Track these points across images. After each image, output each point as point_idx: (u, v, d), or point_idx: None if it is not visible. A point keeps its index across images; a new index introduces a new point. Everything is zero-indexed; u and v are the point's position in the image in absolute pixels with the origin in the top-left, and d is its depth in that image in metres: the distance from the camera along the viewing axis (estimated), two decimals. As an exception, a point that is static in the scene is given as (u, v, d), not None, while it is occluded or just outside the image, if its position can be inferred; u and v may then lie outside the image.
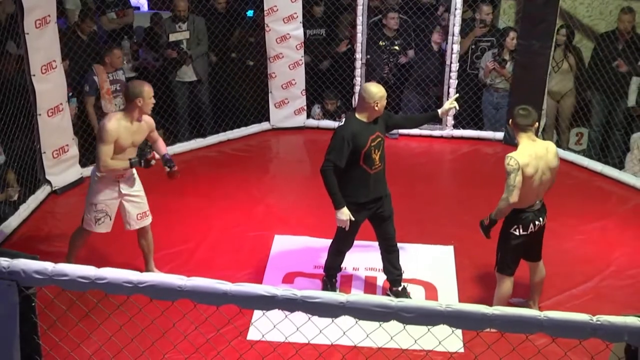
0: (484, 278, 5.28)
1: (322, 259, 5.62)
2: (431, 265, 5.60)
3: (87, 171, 6.90)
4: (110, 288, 2.59)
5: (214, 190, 6.84)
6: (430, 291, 5.32)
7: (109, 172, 4.90)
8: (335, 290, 5.26)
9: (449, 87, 7.85)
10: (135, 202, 5.08)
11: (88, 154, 7.06)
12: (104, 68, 6.91)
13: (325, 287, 5.25)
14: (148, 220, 5.18)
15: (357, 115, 4.75)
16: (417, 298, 5.15)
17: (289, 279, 5.45)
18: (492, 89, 7.85)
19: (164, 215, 5.84)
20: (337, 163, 4.66)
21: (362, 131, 4.68)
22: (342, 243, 5.07)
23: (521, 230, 4.59)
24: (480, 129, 8.03)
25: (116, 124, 4.80)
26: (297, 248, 5.83)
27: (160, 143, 5.25)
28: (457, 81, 7.79)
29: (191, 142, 7.79)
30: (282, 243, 5.92)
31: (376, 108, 4.68)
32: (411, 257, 5.65)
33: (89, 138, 7.03)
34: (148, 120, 5.01)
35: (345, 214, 4.73)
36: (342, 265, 5.27)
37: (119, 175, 4.96)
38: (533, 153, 4.47)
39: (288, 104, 8.20)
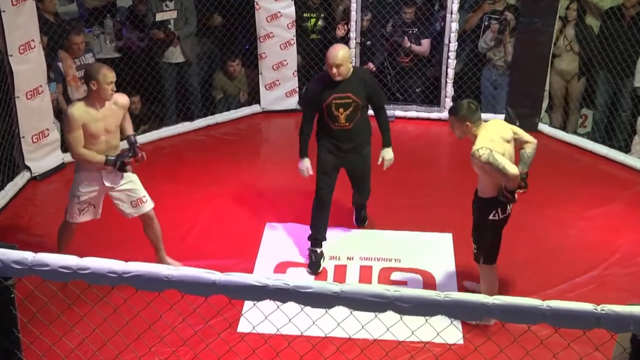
0: (484, 266, 5.28)
1: (316, 247, 5.64)
2: (429, 254, 5.61)
3: (69, 157, 6.87)
4: (94, 278, 2.58)
5: (202, 175, 6.82)
6: (428, 280, 5.33)
7: (82, 162, 4.87)
8: (319, 262, 5.42)
9: (447, 68, 7.84)
10: (123, 190, 5.03)
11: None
12: (69, 54, 6.83)
13: (310, 259, 5.43)
14: (147, 207, 5.10)
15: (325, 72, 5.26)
16: (414, 287, 5.16)
17: (280, 268, 5.45)
18: (491, 65, 7.85)
19: (150, 202, 5.83)
20: (306, 113, 5.42)
21: (325, 87, 5.21)
22: (318, 195, 5.43)
23: (500, 214, 4.64)
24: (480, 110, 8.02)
25: (80, 110, 4.75)
26: (289, 236, 5.83)
27: (127, 122, 5.11)
28: (455, 61, 7.78)
29: (178, 126, 7.77)
30: (273, 231, 5.92)
31: (329, 69, 5.12)
32: (408, 245, 5.67)
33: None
34: (120, 101, 4.93)
35: (303, 164, 5.43)
36: (326, 236, 5.50)
37: (99, 167, 4.90)
38: (491, 137, 4.48)
39: (279, 85, 8.18)
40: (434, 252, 5.65)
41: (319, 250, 5.47)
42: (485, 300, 2.46)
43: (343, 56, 5.12)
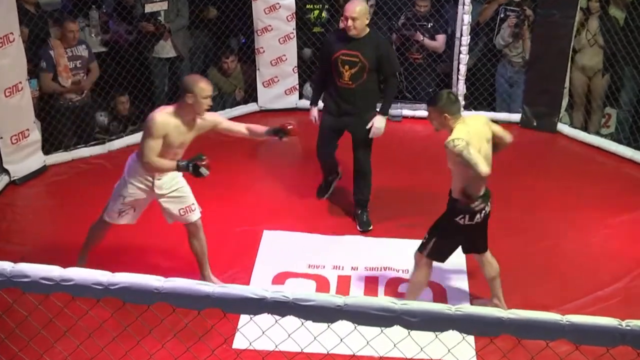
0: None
1: (317, 257, 5.64)
2: (439, 265, 5.60)
3: (51, 159, 6.92)
4: (78, 290, 2.59)
5: (195, 179, 6.79)
6: (439, 293, 5.33)
7: (151, 170, 4.86)
8: (329, 187, 6.38)
9: (459, 63, 7.83)
10: (173, 197, 5.03)
11: (52, 140, 7.04)
12: (61, 42, 6.86)
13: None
14: (194, 216, 5.11)
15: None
16: (423, 300, 5.16)
17: (279, 279, 5.46)
18: (506, 61, 7.85)
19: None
20: (320, 64, 6.12)
21: (338, 40, 5.76)
22: (317, 156, 6.14)
23: (467, 220, 4.70)
24: (494, 110, 8.03)
25: (166, 119, 4.73)
26: (288, 245, 5.84)
27: (246, 125, 5.19)
28: (467, 56, 7.77)
29: (169, 126, 7.77)
30: (271, 239, 5.92)
31: (344, 21, 5.63)
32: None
33: (52, 121, 7.00)
34: (209, 118, 4.93)
35: (311, 112, 6.02)
36: (335, 175, 6.37)
37: (166, 170, 4.91)
38: (468, 130, 4.57)
39: (278, 82, 8.18)
40: (444, 263, 5.64)
41: (330, 177, 6.33)
42: (499, 315, 2.46)
43: (360, 11, 5.58)
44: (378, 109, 5.85)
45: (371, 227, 6.02)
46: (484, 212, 4.73)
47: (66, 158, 7.08)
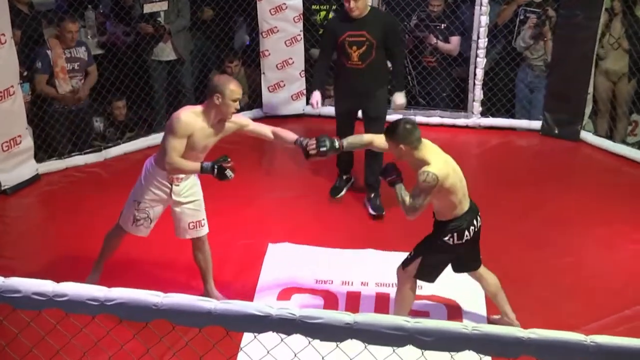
0: (518, 294, 5.26)
1: (325, 271, 5.63)
2: (454, 280, 5.58)
3: (43, 167, 6.93)
4: (72, 307, 2.59)
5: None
6: (454, 310, 5.32)
7: (173, 172, 4.86)
8: (341, 187, 6.67)
9: (475, 67, 7.83)
10: (188, 208, 5.06)
11: (45, 147, 7.06)
12: (60, 43, 6.91)
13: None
14: (203, 231, 5.16)
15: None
16: (438, 318, 5.14)
17: (285, 295, 5.45)
18: (526, 65, 7.84)
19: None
20: (322, 48, 6.40)
21: (342, 23, 6.11)
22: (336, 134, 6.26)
23: (456, 239, 4.70)
24: (514, 116, 8.02)
25: (192, 118, 4.74)
26: (294, 259, 5.83)
27: (272, 128, 5.14)
28: (485, 59, 7.76)
29: (169, 133, 7.78)
30: (277, 253, 5.92)
31: (345, 3, 5.98)
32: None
33: (45, 127, 7.02)
34: (235, 120, 4.95)
35: (313, 96, 6.25)
36: (350, 170, 6.68)
37: (171, 177, 4.92)
38: (445, 159, 4.64)
39: (284, 87, 8.20)
40: (460, 278, 5.62)
41: (344, 177, 6.65)
42: (519, 334, 2.45)
43: None
44: (390, 87, 6.37)
45: (384, 212, 6.22)
46: (472, 227, 4.72)
47: (60, 166, 7.10)
